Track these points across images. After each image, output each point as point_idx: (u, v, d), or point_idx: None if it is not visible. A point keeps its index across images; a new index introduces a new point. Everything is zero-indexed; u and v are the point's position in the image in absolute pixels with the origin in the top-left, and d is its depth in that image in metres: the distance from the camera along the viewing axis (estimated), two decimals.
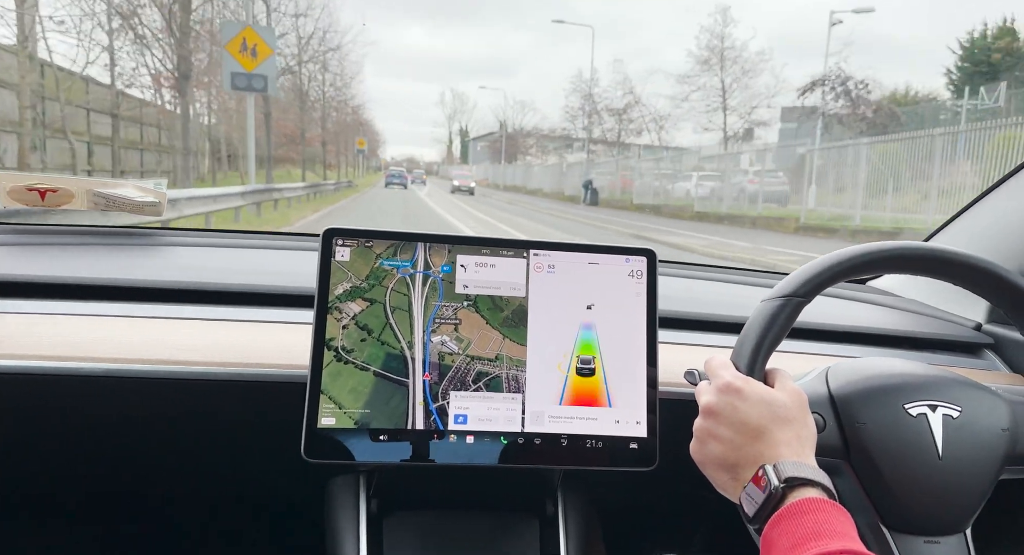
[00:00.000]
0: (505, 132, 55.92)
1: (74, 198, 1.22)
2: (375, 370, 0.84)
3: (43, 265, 1.08)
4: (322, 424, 0.82)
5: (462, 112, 77.38)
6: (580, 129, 39.89)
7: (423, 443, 0.83)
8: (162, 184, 1.32)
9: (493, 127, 63.34)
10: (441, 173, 79.55)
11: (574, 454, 0.86)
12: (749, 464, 0.71)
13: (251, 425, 0.98)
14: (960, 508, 0.83)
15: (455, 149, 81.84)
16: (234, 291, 1.05)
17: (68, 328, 0.91)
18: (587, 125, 38.50)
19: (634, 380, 0.88)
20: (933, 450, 0.82)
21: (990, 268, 0.83)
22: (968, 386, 0.87)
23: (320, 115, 36.80)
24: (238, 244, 1.31)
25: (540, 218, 19.97)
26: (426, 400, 0.84)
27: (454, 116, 78.99)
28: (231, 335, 0.95)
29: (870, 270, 0.84)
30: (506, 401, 0.86)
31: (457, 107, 77.57)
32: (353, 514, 0.95)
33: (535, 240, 0.90)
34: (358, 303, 0.85)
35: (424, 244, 0.87)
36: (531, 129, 54.78)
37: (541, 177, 41.80)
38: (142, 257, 1.18)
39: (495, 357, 0.86)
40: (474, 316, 0.87)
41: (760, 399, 0.73)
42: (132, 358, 0.87)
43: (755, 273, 1.47)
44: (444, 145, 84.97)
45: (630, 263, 0.91)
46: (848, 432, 0.83)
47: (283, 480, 1.09)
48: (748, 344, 0.79)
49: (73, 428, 0.96)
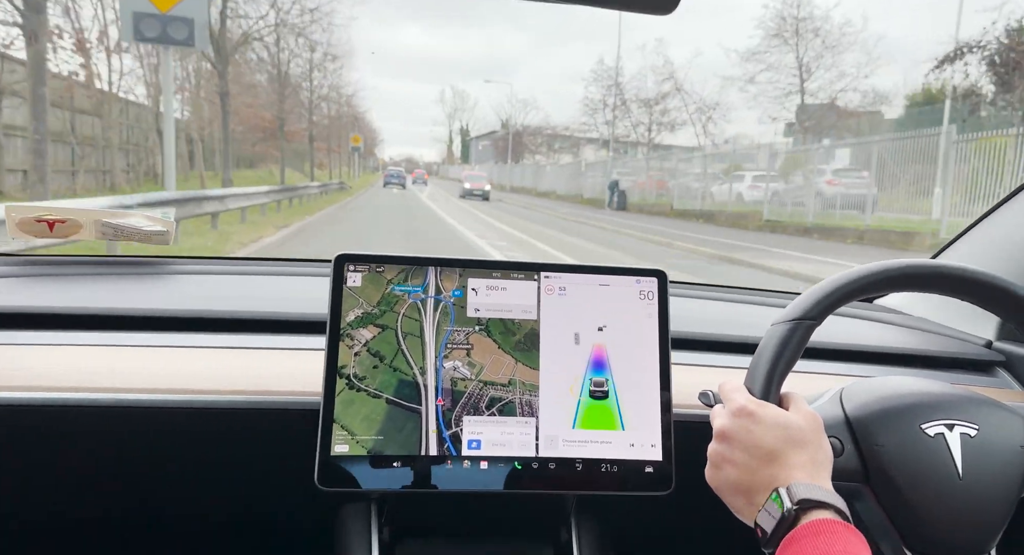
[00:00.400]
0: (511, 130, 50.98)
1: (82, 228, 1.23)
2: (387, 397, 0.83)
3: (52, 296, 1.09)
4: (335, 452, 0.81)
5: (462, 110, 75.43)
6: (602, 123, 34.79)
7: (437, 470, 0.83)
8: (170, 213, 1.32)
9: (494, 126, 60.34)
10: (442, 173, 77.73)
11: (589, 478, 0.85)
12: (763, 488, 0.71)
13: (263, 452, 0.97)
14: (983, 529, 0.81)
15: (455, 148, 79.57)
16: (244, 318, 1.05)
17: (79, 359, 0.91)
18: (611, 119, 33.24)
19: (648, 402, 0.88)
20: (953, 470, 0.81)
21: (1000, 284, 0.83)
22: (983, 403, 0.86)
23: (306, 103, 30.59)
24: (247, 271, 1.32)
25: (582, 231, 15.88)
26: (439, 427, 0.84)
27: (454, 114, 76.64)
28: (242, 363, 0.95)
29: (879, 289, 0.84)
30: (519, 425, 0.85)
31: (457, 105, 75.66)
32: (365, 541, 0.94)
33: (545, 262, 0.90)
34: (370, 329, 0.85)
35: (436, 269, 0.87)
36: (538, 126, 50.03)
37: (554, 178, 37.23)
38: (151, 286, 1.18)
39: (508, 382, 0.86)
40: (486, 340, 0.87)
41: (775, 423, 0.73)
42: (143, 388, 0.87)
43: (766, 293, 1.47)
44: (444, 144, 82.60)
45: (640, 284, 0.91)
46: (867, 455, 0.82)
47: (295, 507, 1.08)
48: (761, 368, 0.79)
49: (83, 458, 0.96)
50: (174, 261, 1.31)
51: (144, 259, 1.28)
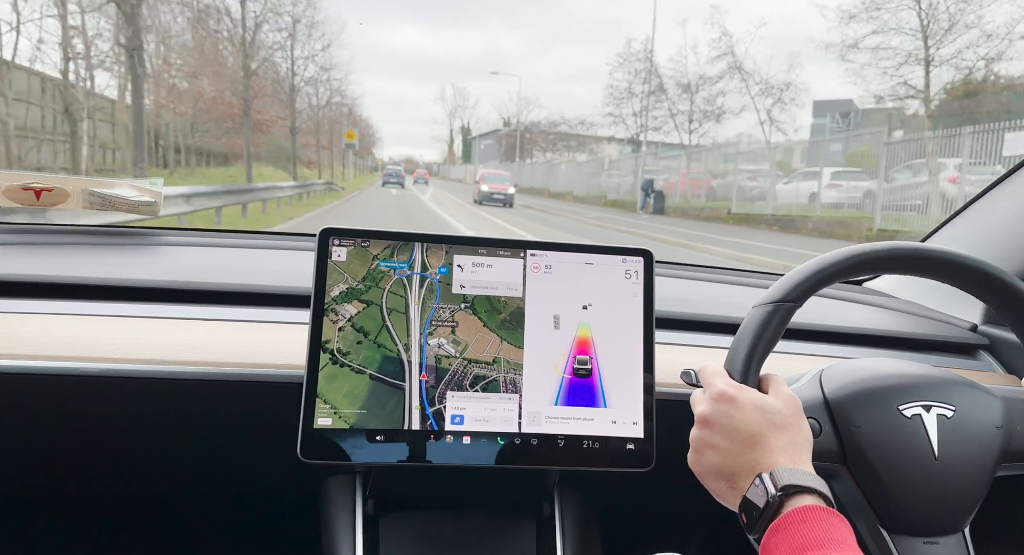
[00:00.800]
0: (520, 126, 47.64)
1: (69, 197, 1.22)
2: (371, 373, 0.84)
3: (37, 264, 1.08)
4: (318, 424, 0.81)
5: (463, 108, 74.52)
6: (629, 115, 29.86)
7: (420, 443, 0.83)
8: (158, 182, 1.32)
9: (496, 124, 58.57)
10: (442, 173, 76.99)
11: (571, 455, 0.86)
12: (746, 472, 0.71)
13: (247, 425, 0.97)
14: (958, 507, 0.83)
15: (457, 147, 78.79)
16: (230, 291, 1.04)
17: (63, 328, 0.91)
18: (643, 107, 27.83)
19: (630, 381, 0.88)
20: (929, 451, 0.82)
21: (983, 268, 0.83)
22: (961, 385, 0.87)
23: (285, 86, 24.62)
24: (234, 244, 1.31)
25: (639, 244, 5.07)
26: (422, 403, 0.84)
27: (455, 112, 75.61)
28: (227, 335, 0.95)
29: (863, 271, 0.84)
30: (503, 401, 0.85)
31: (458, 103, 74.80)
32: (349, 514, 0.95)
33: (532, 240, 0.90)
34: (354, 305, 0.85)
35: (422, 245, 0.87)
36: (550, 121, 46.79)
37: (570, 177, 33.01)
38: (137, 257, 1.18)
39: (492, 360, 0.86)
40: (471, 318, 0.87)
41: (754, 407, 0.73)
42: (127, 358, 0.87)
43: (750, 274, 1.47)
44: (444, 144, 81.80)
45: (627, 263, 0.91)
46: (844, 436, 0.83)
47: (279, 480, 1.09)
48: (741, 351, 0.79)
49: (66, 428, 0.96)
50: (160, 232, 1.30)
51: (129, 229, 1.27)
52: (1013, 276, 0.84)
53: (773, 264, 9.28)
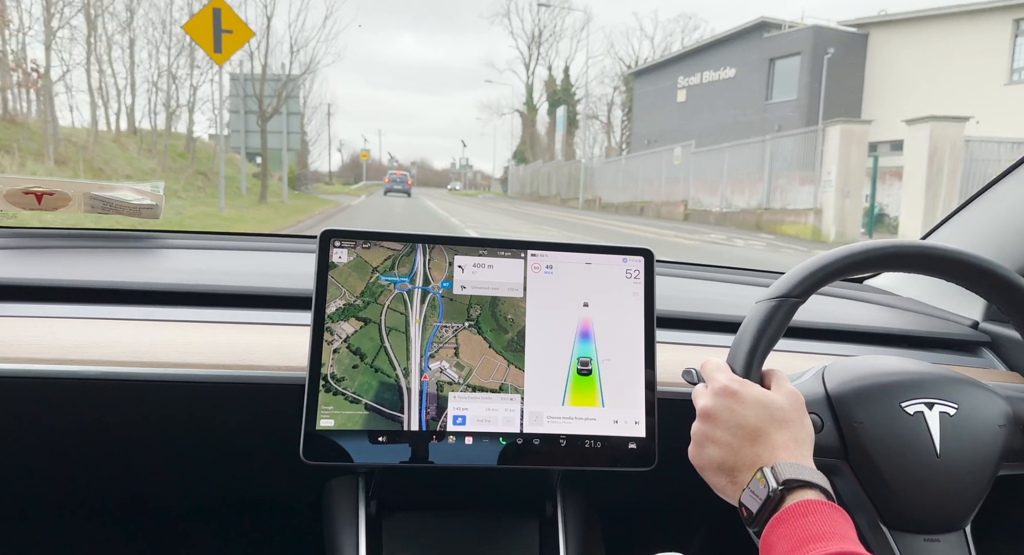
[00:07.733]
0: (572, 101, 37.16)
1: (70, 201, 1.22)
2: (366, 403, 0.82)
3: (39, 268, 1.08)
4: (320, 426, 0.81)
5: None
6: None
7: (422, 444, 0.83)
8: (159, 186, 1.32)
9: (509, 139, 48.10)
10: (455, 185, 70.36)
11: (573, 454, 0.86)
12: (747, 467, 0.71)
13: (250, 427, 0.97)
14: (959, 505, 0.83)
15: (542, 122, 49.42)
16: (231, 293, 1.05)
17: (66, 331, 0.91)
18: None
19: (632, 380, 0.88)
20: (931, 448, 0.82)
21: (985, 265, 0.83)
22: (964, 383, 0.87)
23: None
24: (234, 246, 1.31)
25: None
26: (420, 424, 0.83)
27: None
28: (229, 337, 0.95)
29: (865, 269, 0.84)
30: (504, 402, 0.85)
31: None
32: (352, 515, 0.95)
33: (532, 240, 0.90)
34: (351, 323, 0.83)
35: (424, 254, 0.86)
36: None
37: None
38: (138, 260, 1.18)
39: (499, 387, 0.85)
40: (476, 338, 0.85)
41: (757, 401, 0.73)
42: (129, 361, 0.87)
43: (752, 272, 1.47)
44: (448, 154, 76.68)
45: (627, 263, 0.91)
46: (846, 432, 0.83)
47: (282, 481, 1.09)
48: (743, 347, 0.79)
49: (69, 431, 0.96)
50: (160, 235, 1.30)
51: (129, 233, 1.27)
52: (1015, 273, 0.84)
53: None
